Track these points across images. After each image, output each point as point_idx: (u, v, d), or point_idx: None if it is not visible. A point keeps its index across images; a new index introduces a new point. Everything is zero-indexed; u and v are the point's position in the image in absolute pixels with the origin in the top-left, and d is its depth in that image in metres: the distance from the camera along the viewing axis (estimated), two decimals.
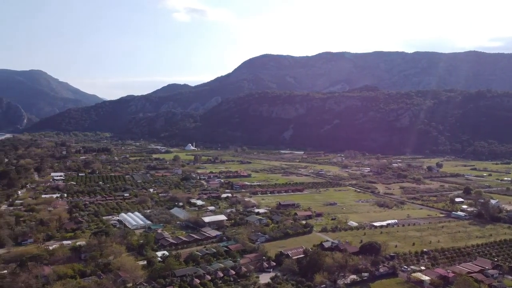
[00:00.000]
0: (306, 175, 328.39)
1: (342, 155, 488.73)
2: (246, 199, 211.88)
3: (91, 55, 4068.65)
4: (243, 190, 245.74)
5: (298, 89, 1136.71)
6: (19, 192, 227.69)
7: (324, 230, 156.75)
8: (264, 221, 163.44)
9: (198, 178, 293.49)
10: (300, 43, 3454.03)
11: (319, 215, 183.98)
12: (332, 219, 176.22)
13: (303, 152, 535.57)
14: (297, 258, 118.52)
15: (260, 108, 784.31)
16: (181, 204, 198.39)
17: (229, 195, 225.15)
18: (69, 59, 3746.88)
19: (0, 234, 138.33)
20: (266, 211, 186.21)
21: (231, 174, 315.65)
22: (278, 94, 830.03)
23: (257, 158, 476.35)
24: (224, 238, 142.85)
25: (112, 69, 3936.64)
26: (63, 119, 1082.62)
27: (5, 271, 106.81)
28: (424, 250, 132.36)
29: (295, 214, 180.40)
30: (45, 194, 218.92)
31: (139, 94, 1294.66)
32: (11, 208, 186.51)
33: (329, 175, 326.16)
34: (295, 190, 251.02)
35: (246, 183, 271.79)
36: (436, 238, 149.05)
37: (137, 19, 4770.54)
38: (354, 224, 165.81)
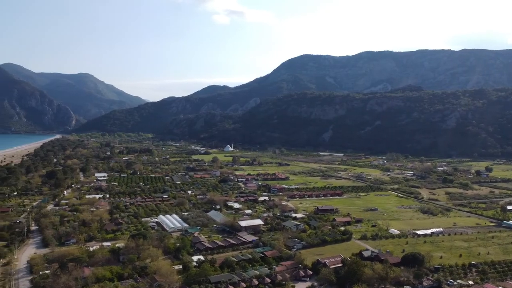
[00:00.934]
0: (345, 179, 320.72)
1: (384, 157, 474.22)
2: (284, 203, 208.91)
3: (134, 58, 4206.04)
4: (280, 193, 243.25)
5: (338, 89, 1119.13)
6: (65, 192, 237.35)
7: (363, 237, 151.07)
8: (301, 227, 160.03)
9: (236, 180, 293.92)
10: (340, 42, 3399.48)
11: (358, 221, 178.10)
12: (372, 226, 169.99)
13: (342, 154, 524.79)
14: (335, 267, 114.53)
15: (299, 109, 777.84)
16: (218, 207, 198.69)
17: (266, 198, 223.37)
18: (114, 62, 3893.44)
19: (46, 234, 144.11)
20: (303, 216, 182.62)
21: (268, 177, 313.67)
22: (318, 95, 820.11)
23: (296, 160, 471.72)
24: (260, 243, 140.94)
25: (155, 71, 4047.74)
26: (108, 120, 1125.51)
27: (48, 271, 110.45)
28: (472, 262, 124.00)
29: (334, 220, 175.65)
30: (89, 194, 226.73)
31: (180, 95, 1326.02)
32: (57, 208, 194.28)
33: (370, 178, 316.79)
34: (334, 194, 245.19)
35: (284, 186, 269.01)
36: (486, 249, 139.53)
37: (178, 22, 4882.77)
38: (396, 232, 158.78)
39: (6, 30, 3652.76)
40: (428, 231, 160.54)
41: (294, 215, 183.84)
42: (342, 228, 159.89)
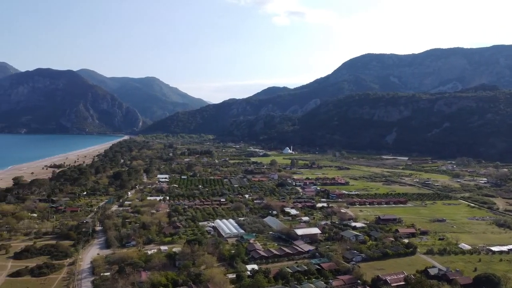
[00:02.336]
0: (410, 185, 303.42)
1: (453, 162, 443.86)
2: (343, 210, 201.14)
3: (197, 61, 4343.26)
4: (339, 199, 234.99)
5: (402, 89, 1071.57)
6: (129, 193, 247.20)
7: (429, 252, 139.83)
8: (361, 238, 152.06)
9: (294, 184, 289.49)
10: (405, 40, 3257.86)
11: (424, 233, 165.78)
12: (439, 239, 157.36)
13: (407, 158, 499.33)
14: (397, 285, 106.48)
15: (361, 110, 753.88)
16: (275, 212, 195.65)
17: (325, 205, 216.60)
18: (178, 65, 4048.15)
19: (108, 235, 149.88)
20: (363, 225, 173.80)
21: (328, 181, 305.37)
22: (381, 96, 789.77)
23: (356, 163, 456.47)
24: (317, 254, 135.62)
25: (217, 73, 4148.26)
26: (172, 122, 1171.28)
27: (108, 273, 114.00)
28: None
29: (396, 230, 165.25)
30: (150, 196, 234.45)
31: (241, 97, 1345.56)
32: (121, 208, 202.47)
33: (437, 185, 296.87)
34: (397, 202, 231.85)
35: (344, 191, 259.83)
36: None
37: (239, 25, 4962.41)
38: (467, 247, 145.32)
39: (83, 38, 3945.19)
40: (505, 248, 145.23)
41: (353, 224, 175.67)
42: (406, 241, 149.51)
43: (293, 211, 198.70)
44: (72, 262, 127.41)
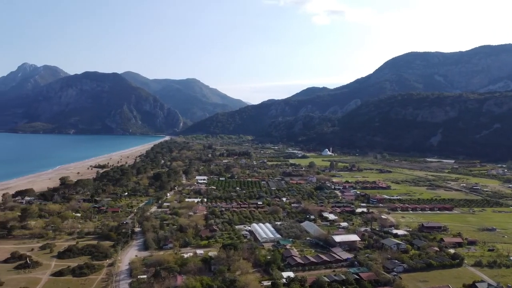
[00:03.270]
0: (456, 190, 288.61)
1: (504, 166, 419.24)
2: (383, 216, 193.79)
3: (237, 62, 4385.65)
4: (380, 205, 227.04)
5: (448, 89, 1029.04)
6: (168, 194, 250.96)
7: (478, 264, 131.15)
8: (402, 246, 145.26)
9: (333, 188, 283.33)
10: (451, 37, 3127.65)
11: (472, 243, 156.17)
12: (489, 250, 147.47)
13: (453, 161, 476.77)
14: None
15: (404, 111, 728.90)
16: (312, 217, 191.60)
17: (365, 210, 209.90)
18: (218, 67, 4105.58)
19: (147, 237, 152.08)
20: (405, 233, 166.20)
21: (368, 185, 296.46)
22: (425, 96, 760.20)
23: (399, 166, 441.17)
24: (356, 263, 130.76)
25: (256, 74, 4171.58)
26: (211, 123, 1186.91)
27: (145, 276, 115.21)
28: None
29: (441, 239, 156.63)
30: (188, 197, 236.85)
31: (280, 97, 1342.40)
32: (160, 210, 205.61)
33: (486, 191, 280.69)
34: (442, 209, 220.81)
35: (385, 196, 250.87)
36: None
37: (279, 26, 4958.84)
38: None
39: (128, 42, 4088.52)
40: None
41: (394, 231, 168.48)
42: (452, 251, 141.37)
43: (332, 216, 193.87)
44: (111, 263, 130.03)
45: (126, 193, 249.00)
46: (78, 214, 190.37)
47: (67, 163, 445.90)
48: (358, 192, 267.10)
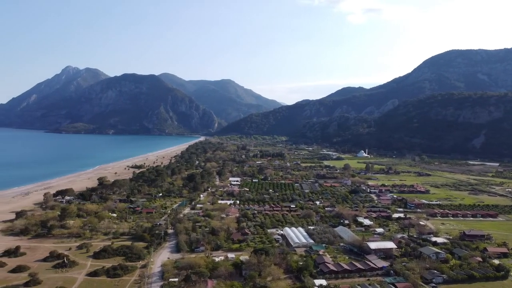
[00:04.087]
0: (501, 195, 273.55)
1: None
2: (422, 222, 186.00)
3: (271, 62, 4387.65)
4: (418, 210, 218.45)
5: (493, 88, 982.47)
6: (201, 195, 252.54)
7: None
8: (442, 255, 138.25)
9: (368, 191, 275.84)
10: (496, 33, 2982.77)
11: None
12: None
13: (497, 164, 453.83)
14: None
15: (444, 111, 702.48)
16: (346, 222, 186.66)
17: (402, 215, 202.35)
18: (253, 67, 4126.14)
19: (179, 240, 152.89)
20: (445, 241, 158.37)
21: (405, 189, 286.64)
22: (467, 95, 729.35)
23: (438, 169, 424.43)
24: (391, 272, 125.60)
25: (290, 75, 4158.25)
26: (245, 123, 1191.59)
27: (176, 279, 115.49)
28: None
29: (485, 249, 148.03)
30: (221, 199, 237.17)
31: (314, 98, 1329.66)
32: (193, 211, 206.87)
33: None
34: (486, 215, 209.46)
35: (423, 201, 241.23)
36: None
37: (312, 25, 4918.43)
38: None
39: (165, 44, 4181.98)
40: None
41: (434, 239, 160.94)
42: (496, 262, 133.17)
43: (367, 221, 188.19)
44: (144, 265, 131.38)
45: (161, 194, 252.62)
46: (114, 215, 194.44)
47: (105, 163, 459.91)
48: (395, 196, 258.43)
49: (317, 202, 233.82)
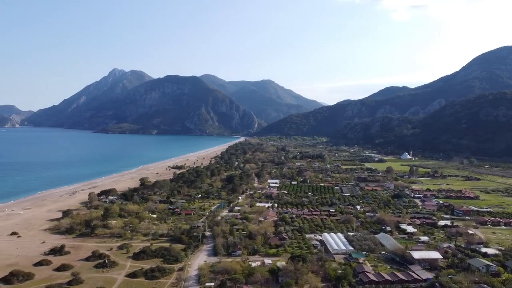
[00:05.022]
0: None
1: None
2: (470, 231, 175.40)
3: (312, 62, 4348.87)
4: (467, 217, 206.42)
5: None
6: (240, 197, 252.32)
7: None
8: (493, 268, 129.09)
9: (412, 196, 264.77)
10: None
11: None
12: None
13: None
14: None
15: (496, 111, 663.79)
16: (388, 228, 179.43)
17: (448, 223, 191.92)
18: (293, 67, 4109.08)
19: (216, 243, 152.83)
20: (496, 252, 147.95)
21: (452, 194, 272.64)
22: None
23: (489, 173, 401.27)
24: (436, 284, 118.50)
25: (331, 74, 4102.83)
26: (285, 124, 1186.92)
27: (212, 284, 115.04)
28: None
29: None
30: (259, 202, 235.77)
31: (356, 98, 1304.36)
32: (231, 214, 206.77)
33: None
34: None
35: (472, 207, 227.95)
36: None
37: (354, 23, 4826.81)
38: None
39: (206, 46, 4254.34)
40: None
41: (483, 250, 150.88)
42: None
43: (410, 229, 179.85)
44: (181, 268, 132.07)
45: (200, 195, 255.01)
46: (154, 215, 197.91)
47: (148, 163, 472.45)
48: (441, 201, 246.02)
49: (358, 207, 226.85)
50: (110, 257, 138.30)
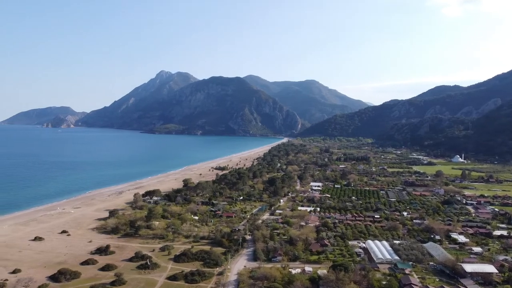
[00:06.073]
0: None
1: None
2: None
3: (358, 61, 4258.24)
4: None
5: None
6: (281, 200, 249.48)
7: None
8: None
9: (464, 202, 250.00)
10: None
11: None
12: None
13: None
14: None
15: None
16: (437, 237, 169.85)
17: (505, 233, 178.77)
18: (338, 67, 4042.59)
19: (256, 248, 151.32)
20: None
21: (510, 201, 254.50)
22: None
23: None
24: None
25: (377, 73, 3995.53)
26: (329, 125, 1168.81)
27: None
28: None
29: None
30: (301, 205, 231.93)
31: (403, 97, 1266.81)
32: (272, 217, 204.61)
33: None
34: None
35: None
36: None
37: (402, 21, 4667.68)
38: None
39: (250, 46, 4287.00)
40: None
41: None
42: None
43: (461, 238, 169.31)
44: (221, 272, 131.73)
45: (241, 198, 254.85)
46: (196, 217, 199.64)
47: (192, 164, 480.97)
48: (496, 209, 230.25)
49: (404, 213, 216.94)
50: (152, 258, 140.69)
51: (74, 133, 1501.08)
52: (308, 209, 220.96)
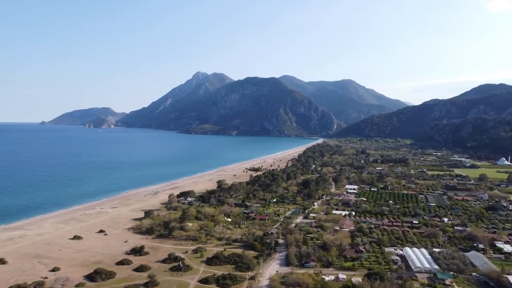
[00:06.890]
0: None
1: None
2: None
3: (396, 60, 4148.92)
4: None
5: None
6: (315, 203, 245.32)
7: None
8: None
9: (511, 208, 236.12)
10: None
11: None
12: None
13: None
14: None
15: None
16: (481, 246, 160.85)
17: None
18: (375, 66, 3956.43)
19: (289, 252, 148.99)
20: None
21: None
22: None
23: None
24: None
25: (417, 72, 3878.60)
26: (366, 125, 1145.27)
27: None
28: None
29: None
30: (336, 209, 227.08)
31: (445, 97, 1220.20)
32: (305, 221, 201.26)
33: None
34: None
35: None
36: None
37: (444, 17, 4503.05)
38: None
39: (286, 46, 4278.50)
40: None
41: None
42: None
43: (508, 248, 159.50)
44: (252, 276, 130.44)
45: (275, 200, 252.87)
46: (229, 219, 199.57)
47: (226, 165, 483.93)
48: None
49: (445, 219, 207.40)
50: (184, 260, 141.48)
51: (114, 133, 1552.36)
52: (343, 213, 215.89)
